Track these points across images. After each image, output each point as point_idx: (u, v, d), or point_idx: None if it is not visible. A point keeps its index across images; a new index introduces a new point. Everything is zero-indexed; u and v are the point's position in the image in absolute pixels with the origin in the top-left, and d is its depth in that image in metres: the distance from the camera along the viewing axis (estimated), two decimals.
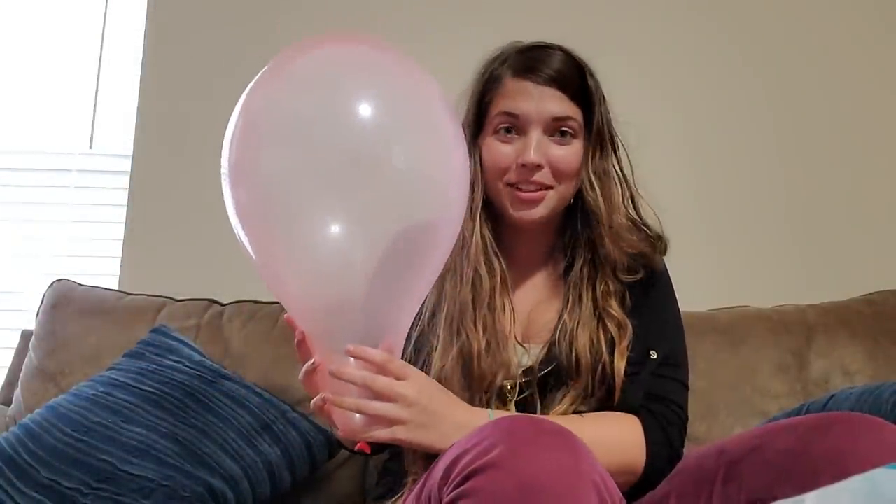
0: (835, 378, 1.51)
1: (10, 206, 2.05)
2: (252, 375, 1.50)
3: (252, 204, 0.98)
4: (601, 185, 1.15)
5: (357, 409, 0.95)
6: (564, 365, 1.10)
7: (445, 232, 1.03)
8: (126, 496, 1.24)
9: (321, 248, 0.94)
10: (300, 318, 1.01)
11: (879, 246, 1.92)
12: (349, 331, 0.96)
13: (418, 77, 1.03)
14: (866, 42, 2.02)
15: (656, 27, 1.99)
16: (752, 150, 1.98)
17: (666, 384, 1.14)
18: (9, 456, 1.29)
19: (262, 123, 0.97)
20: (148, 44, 2.05)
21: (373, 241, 0.95)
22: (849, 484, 0.58)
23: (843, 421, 0.83)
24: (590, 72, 1.17)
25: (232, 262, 1.93)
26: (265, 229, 0.98)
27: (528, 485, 0.73)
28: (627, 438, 1.09)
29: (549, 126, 1.13)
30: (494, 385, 1.10)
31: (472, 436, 0.81)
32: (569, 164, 1.14)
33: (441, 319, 1.12)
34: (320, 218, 0.94)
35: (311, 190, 0.94)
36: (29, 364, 1.61)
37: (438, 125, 1.02)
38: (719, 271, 1.87)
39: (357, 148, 0.94)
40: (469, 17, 1.98)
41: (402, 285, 0.99)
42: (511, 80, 1.15)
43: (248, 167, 0.97)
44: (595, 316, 1.13)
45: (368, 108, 0.95)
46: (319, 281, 0.96)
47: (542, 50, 1.17)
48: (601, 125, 1.16)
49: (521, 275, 1.21)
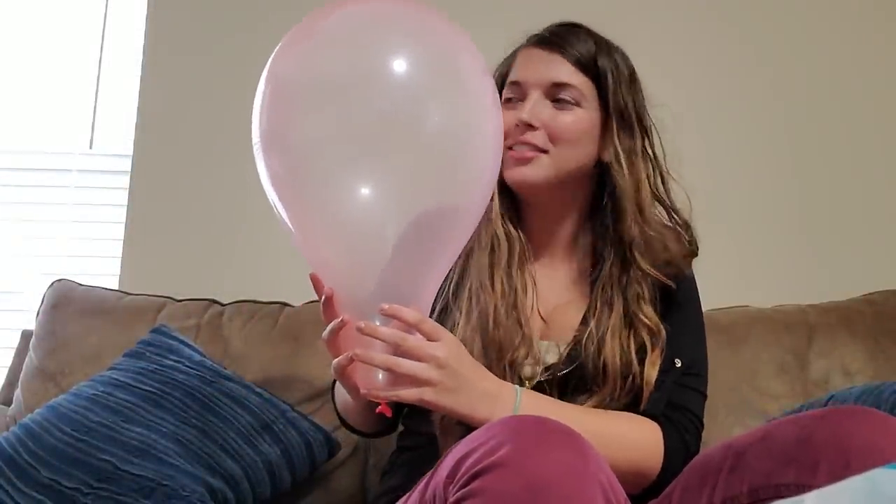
0: (835, 378, 1.51)
1: (10, 206, 2.05)
2: (252, 375, 1.50)
3: (287, 172, 0.96)
4: (629, 164, 1.13)
5: (386, 366, 0.93)
6: (590, 370, 1.08)
7: (476, 199, 1.01)
8: (126, 496, 1.24)
9: (354, 214, 0.93)
10: (330, 278, 0.98)
11: (879, 246, 1.92)
12: (378, 293, 0.94)
13: (456, 38, 1.01)
14: (865, 42, 2.02)
15: (656, 27, 2.00)
16: (751, 151, 1.98)
17: (687, 394, 1.12)
18: (9, 456, 1.29)
19: (292, 88, 0.96)
20: (148, 44, 2.04)
21: (405, 205, 0.94)
22: (849, 483, 0.58)
23: (845, 410, 0.85)
24: (607, 48, 1.16)
25: (232, 262, 1.94)
26: (299, 197, 0.97)
27: (535, 485, 0.73)
28: (644, 441, 1.07)
29: (548, 90, 1.13)
30: (516, 361, 1.08)
31: (478, 434, 0.81)
32: (565, 128, 1.12)
33: (464, 291, 1.11)
34: (353, 183, 0.93)
35: (345, 155, 0.93)
36: (29, 364, 1.61)
37: (474, 88, 1.00)
38: (719, 271, 1.86)
39: (391, 111, 0.92)
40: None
41: (430, 251, 0.98)
42: (522, 52, 1.18)
43: (280, 134, 0.96)
44: (626, 322, 1.10)
45: (403, 68, 0.93)
46: (352, 245, 0.96)
47: (560, 25, 1.18)
48: (623, 104, 1.14)
49: (543, 267, 1.19)
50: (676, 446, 1.08)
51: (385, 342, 0.93)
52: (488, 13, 1.93)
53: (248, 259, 1.92)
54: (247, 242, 1.92)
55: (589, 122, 1.13)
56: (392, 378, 0.94)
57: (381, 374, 0.94)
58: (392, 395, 0.94)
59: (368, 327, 0.93)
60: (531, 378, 1.10)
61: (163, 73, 2.03)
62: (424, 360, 0.93)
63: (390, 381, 0.94)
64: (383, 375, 0.94)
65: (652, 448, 1.07)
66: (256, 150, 0.98)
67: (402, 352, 0.93)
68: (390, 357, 0.93)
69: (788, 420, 0.89)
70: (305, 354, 1.56)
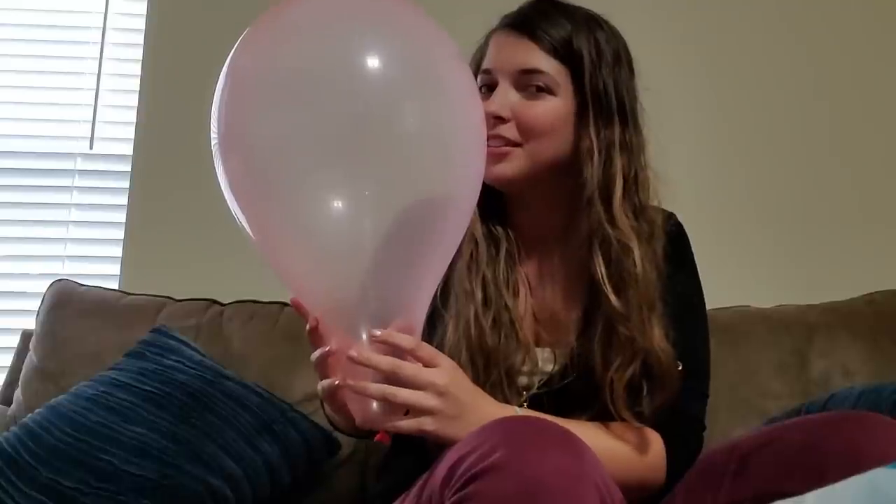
0: (835, 378, 1.50)
1: (10, 207, 2.04)
2: (252, 375, 1.50)
3: (247, 175, 0.89)
4: (604, 157, 1.04)
5: (382, 397, 0.87)
6: (589, 382, 1.03)
7: (462, 204, 0.94)
8: (126, 495, 1.24)
9: (326, 223, 0.86)
10: (310, 300, 0.92)
11: (879, 246, 1.92)
12: (363, 313, 0.88)
13: (430, 29, 0.93)
14: (865, 42, 2.02)
15: (656, 27, 1.99)
16: (751, 151, 1.98)
17: (690, 398, 1.07)
18: (9, 456, 1.29)
19: (254, 84, 0.88)
20: (148, 44, 2.04)
21: (382, 213, 0.86)
22: (850, 483, 0.58)
23: (855, 418, 0.84)
24: (587, 27, 1.07)
25: (232, 262, 1.93)
26: (263, 203, 0.89)
27: (531, 487, 0.73)
28: (649, 456, 1.03)
29: (517, 79, 1.05)
30: (513, 367, 1.04)
31: (473, 437, 0.80)
32: (536, 120, 1.04)
33: (451, 296, 1.05)
34: (323, 188, 0.85)
35: (312, 157, 0.85)
36: (29, 364, 1.61)
37: (452, 83, 0.92)
38: (719, 271, 1.86)
39: (362, 110, 0.84)
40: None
41: (415, 261, 0.90)
42: (494, 37, 1.10)
43: (240, 134, 0.88)
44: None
45: (375, 63, 0.85)
46: (326, 259, 0.88)
47: (533, 4, 1.09)
48: (602, 88, 1.05)
49: (537, 265, 1.13)
50: (680, 457, 1.04)
51: (380, 371, 0.88)
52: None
53: (248, 259, 1.90)
54: (247, 242, 1.91)
55: (563, 110, 1.05)
56: (389, 407, 0.89)
57: (377, 403, 0.89)
58: (390, 426, 0.89)
59: (361, 356, 0.87)
60: (528, 388, 1.07)
61: (163, 74, 2.03)
62: (422, 389, 0.89)
63: (386, 410, 0.89)
64: (378, 405, 0.89)
65: (656, 461, 1.04)
66: (215, 151, 0.91)
67: (398, 380, 0.88)
68: (386, 387, 0.87)
69: (794, 425, 0.88)
70: (305, 354, 1.54)
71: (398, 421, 0.89)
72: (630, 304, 1.02)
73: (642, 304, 1.02)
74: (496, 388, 1.03)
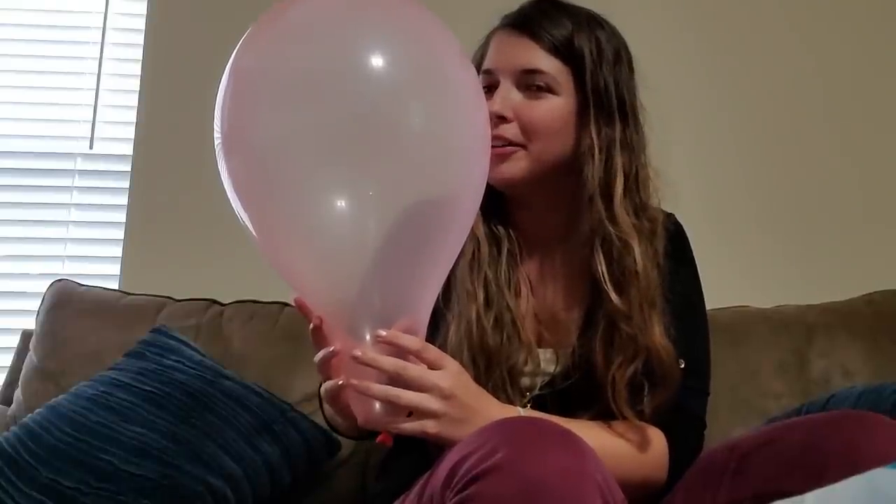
0: (835, 378, 1.51)
1: (10, 207, 2.04)
2: (252, 375, 1.50)
3: (251, 175, 0.88)
4: (605, 156, 1.04)
5: (385, 398, 0.87)
6: (592, 383, 1.03)
7: (466, 203, 0.94)
8: (126, 495, 1.24)
9: (330, 223, 0.86)
10: (313, 300, 0.91)
11: (879, 246, 1.92)
12: (367, 313, 0.87)
13: (435, 28, 0.93)
14: (864, 42, 2.02)
15: (656, 27, 2.00)
16: (751, 150, 1.98)
17: (691, 396, 1.07)
18: (9, 455, 1.29)
19: (258, 83, 0.87)
20: (148, 44, 2.04)
21: (387, 213, 0.86)
22: (849, 483, 0.58)
23: (855, 417, 0.84)
24: (588, 26, 1.07)
25: (232, 262, 1.94)
26: (267, 203, 0.89)
27: (532, 488, 0.73)
28: (651, 454, 1.03)
29: (519, 79, 1.05)
30: (516, 368, 1.04)
31: (474, 437, 0.80)
32: (539, 120, 1.04)
33: (453, 296, 1.05)
34: (328, 188, 0.85)
35: (316, 157, 0.85)
36: (29, 364, 1.61)
37: (457, 83, 0.91)
38: (719, 271, 1.86)
39: (366, 109, 0.84)
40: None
41: (420, 261, 0.89)
42: (495, 36, 1.10)
43: (243, 134, 0.88)
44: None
45: (379, 63, 0.85)
46: (330, 259, 0.88)
47: (534, 3, 1.09)
48: (603, 86, 1.05)
49: (539, 265, 1.13)
50: (680, 454, 1.05)
51: (384, 372, 0.87)
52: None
53: (248, 259, 1.90)
54: (247, 242, 1.91)
55: (565, 110, 1.06)
56: (390, 408, 0.88)
57: (380, 404, 0.88)
58: (392, 428, 0.89)
59: (365, 356, 0.86)
60: (531, 389, 1.07)
61: (163, 74, 2.03)
62: (427, 391, 0.88)
63: (389, 411, 0.88)
64: (382, 406, 0.88)
65: (659, 460, 1.04)
66: (218, 151, 0.91)
67: (402, 381, 0.87)
68: (390, 389, 0.87)
69: (795, 424, 0.88)
70: (305, 354, 1.54)
71: (401, 423, 0.89)
72: (631, 302, 1.02)
73: (643, 301, 1.02)
74: (499, 389, 1.03)
